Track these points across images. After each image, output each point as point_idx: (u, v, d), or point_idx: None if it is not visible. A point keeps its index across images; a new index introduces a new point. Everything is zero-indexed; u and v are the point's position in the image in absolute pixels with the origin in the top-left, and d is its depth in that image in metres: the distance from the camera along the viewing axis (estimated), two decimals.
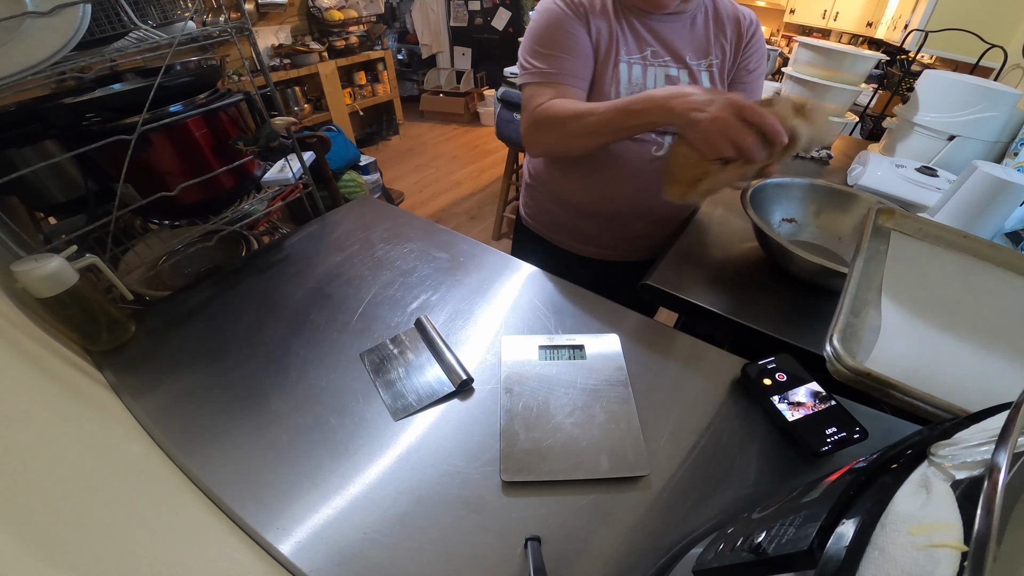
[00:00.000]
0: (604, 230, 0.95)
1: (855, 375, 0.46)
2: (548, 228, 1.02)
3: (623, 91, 0.80)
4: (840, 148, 1.44)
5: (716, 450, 0.51)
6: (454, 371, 0.57)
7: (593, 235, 0.96)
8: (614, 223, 0.94)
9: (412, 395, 0.56)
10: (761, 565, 0.26)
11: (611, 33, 0.79)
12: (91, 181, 0.74)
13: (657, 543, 0.44)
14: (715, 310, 0.71)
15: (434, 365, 0.59)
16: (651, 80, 0.81)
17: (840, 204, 0.87)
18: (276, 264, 0.77)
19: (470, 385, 0.57)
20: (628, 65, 0.80)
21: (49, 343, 0.56)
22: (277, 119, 0.82)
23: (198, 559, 0.40)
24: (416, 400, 0.55)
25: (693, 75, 0.82)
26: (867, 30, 3.24)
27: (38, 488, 0.34)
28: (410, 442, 0.52)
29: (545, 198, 0.99)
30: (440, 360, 0.59)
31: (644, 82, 0.81)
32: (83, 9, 0.61)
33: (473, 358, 0.61)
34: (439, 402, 0.55)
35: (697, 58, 0.82)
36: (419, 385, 0.57)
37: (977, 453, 0.22)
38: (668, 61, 0.81)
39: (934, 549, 0.19)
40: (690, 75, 0.82)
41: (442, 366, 0.59)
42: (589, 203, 0.92)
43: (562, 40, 0.78)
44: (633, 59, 0.80)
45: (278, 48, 3.14)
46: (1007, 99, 1.12)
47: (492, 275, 0.75)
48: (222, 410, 0.54)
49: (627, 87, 0.80)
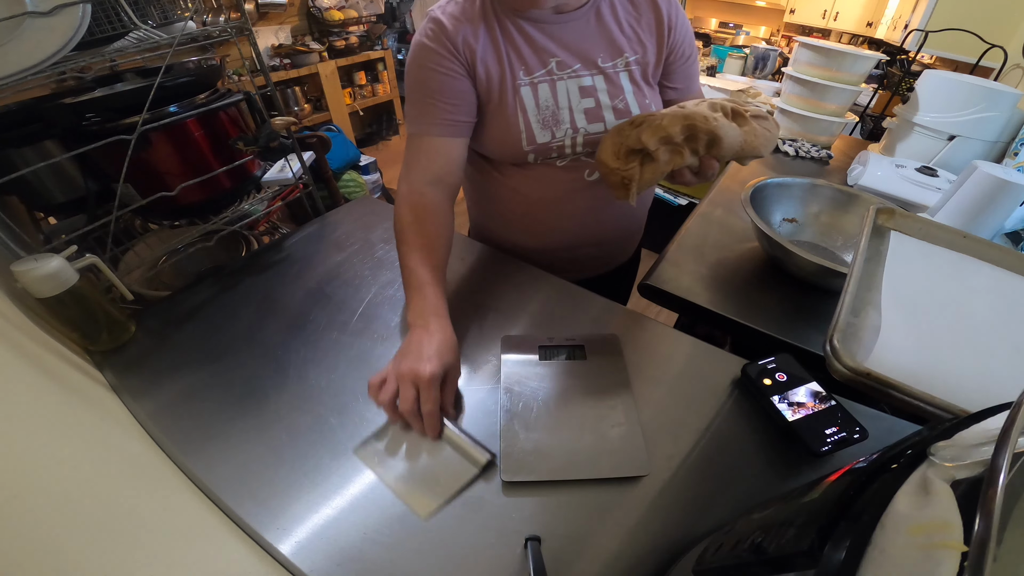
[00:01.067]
0: (552, 259, 0.82)
1: (855, 375, 0.46)
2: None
3: (533, 120, 0.68)
4: (840, 148, 1.44)
5: (716, 450, 0.51)
6: (470, 454, 0.49)
7: (546, 262, 0.79)
8: (561, 253, 0.83)
9: (434, 486, 0.47)
10: (761, 565, 0.26)
11: (500, 56, 0.66)
12: (91, 181, 0.74)
13: (657, 543, 0.44)
14: (715, 310, 0.71)
15: (446, 448, 0.50)
16: (564, 97, 0.68)
17: (840, 204, 0.87)
18: (276, 264, 0.77)
19: (494, 463, 0.49)
20: (532, 87, 0.67)
21: (49, 343, 0.56)
22: (277, 119, 0.82)
23: (198, 559, 0.40)
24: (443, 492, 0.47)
25: (610, 79, 0.69)
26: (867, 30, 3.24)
27: (38, 488, 0.34)
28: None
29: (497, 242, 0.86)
30: (449, 442, 0.51)
31: (556, 102, 0.68)
32: (83, 9, 0.61)
33: (473, 358, 0.61)
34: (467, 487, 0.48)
35: (611, 58, 0.69)
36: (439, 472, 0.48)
37: (977, 453, 0.22)
38: (578, 70, 0.68)
39: (934, 549, 0.19)
40: (606, 80, 0.69)
41: (453, 448, 0.50)
42: (541, 245, 0.82)
43: (428, 82, 0.66)
44: (537, 78, 0.67)
45: (278, 48, 3.14)
46: (1007, 99, 1.12)
47: (492, 275, 0.75)
48: (222, 410, 0.54)
49: (538, 113, 0.68)
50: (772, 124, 0.63)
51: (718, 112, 0.59)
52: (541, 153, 0.71)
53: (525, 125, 0.68)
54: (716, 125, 0.56)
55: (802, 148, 1.36)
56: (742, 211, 0.78)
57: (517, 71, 0.67)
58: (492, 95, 0.68)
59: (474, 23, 0.65)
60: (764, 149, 0.61)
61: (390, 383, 0.51)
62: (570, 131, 0.70)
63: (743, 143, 0.59)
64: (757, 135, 0.60)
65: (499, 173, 0.78)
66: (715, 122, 0.56)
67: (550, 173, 0.74)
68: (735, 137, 0.58)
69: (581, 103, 0.69)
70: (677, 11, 0.71)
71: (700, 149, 0.58)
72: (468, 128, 0.70)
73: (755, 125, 0.60)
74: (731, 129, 0.58)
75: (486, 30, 0.66)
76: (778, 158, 1.35)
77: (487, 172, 0.79)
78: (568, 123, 0.69)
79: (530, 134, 0.69)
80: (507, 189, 0.78)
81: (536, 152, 0.70)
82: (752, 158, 0.62)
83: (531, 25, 0.66)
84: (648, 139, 0.57)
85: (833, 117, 1.37)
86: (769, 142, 0.62)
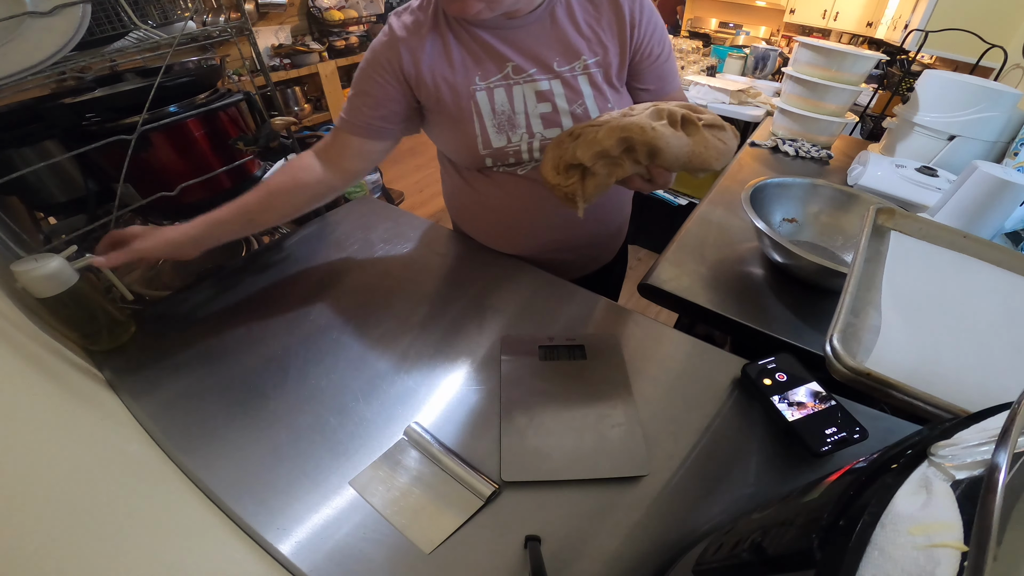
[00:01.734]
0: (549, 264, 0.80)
1: (855, 375, 0.46)
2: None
3: (489, 123, 0.67)
4: (840, 148, 1.44)
5: (716, 450, 0.51)
6: (474, 486, 0.48)
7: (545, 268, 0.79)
8: (554, 257, 0.82)
9: (438, 520, 0.46)
10: (761, 565, 0.26)
11: (452, 63, 0.65)
12: (91, 181, 0.74)
13: (657, 543, 0.44)
14: (715, 310, 0.71)
15: (448, 480, 0.48)
16: (519, 102, 0.67)
17: (840, 204, 0.87)
18: (276, 264, 0.77)
19: (499, 493, 0.48)
20: (488, 91, 0.66)
21: (49, 343, 0.56)
22: (277, 119, 0.82)
23: (198, 559, 0.40)
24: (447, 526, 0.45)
25: (568, 84, 0.67)
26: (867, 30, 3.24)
27: (38, 488, 0.34)
28: None
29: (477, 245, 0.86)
30: (451, 474, 0.49)
31: (512, 106, 0.67)
32: (83, 9, 0.61)
33: (473, 358, 0.61)
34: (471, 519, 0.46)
35: (567, 62, 0.66)
36: (442, 505, 0.47)
37: (977, 453, 0.22)
38: (534, 74, 0.66)
39: (934, 549, 0.19)
40: (564, 85, 0.67)
41: (456, 480, 0.48)
42: (516, 251, 0.81)
43: (362, 83, 0.68)
44: (493, 82, 0.66)
45: (278, 48, 3.14)
46: (1007, 99, 1.12)
47: (492, 275, 0.75)
48: (222, 410, 0.54)
49: (494, 118, 0.67)
50: (729, 136, 0.58)
51: (663, 120, 0.55)
52: (498, 158, 0.70)
53: (481, 129, 0.68)
54: (654, 135, 0.53)
55: (802, 148, 1.36)
56: (742, 211, 0.78)
57: (473, 76, 0.66)
58: (445, 102, 0.67)
59: (423, 35, 0.65)
60: (716, 162, 0.56)
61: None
62: (526, 136, 0.69)
63: (690, 153, 0.55)
64: (708, 146, 0.56)
65: (467, 180, 0.78)
66: (653, 132, 0.53)
67: (512, 181, 0.73)
68: (679, 147, 0.54)
69: (538, 107, 0.68)
70: (641, 8, 0.67)
71: (642, 159, 0.55)
72: (388, 133, 0.71)
73: (707, 136, 0.56)
74: (675, 139, 0.54)
75: (439, 38, 0.65)
76: (778, 158, 1.35)
77: (458, 178, 0.80)
78: (524, 127, 0.68)
79: (485, 138, 0.69)
80: (476, 196, 0.78)
81: (493, 156, 0.70)
82: (703, 171, 0.57)
83: (484, 31, 0.65)
84: (583, 155, 0.55)
85: (833, 117, 1.37)
86: (722, 154, 0.57)
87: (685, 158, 0.55)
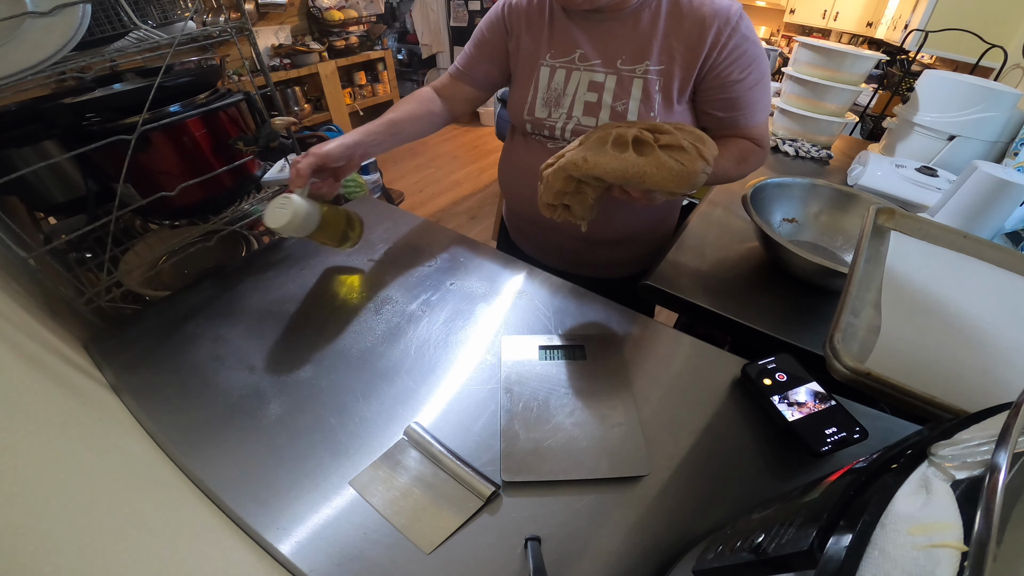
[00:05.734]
0: (533, 236, 0.90)
1: (855, 375, 0.46)
2: (517, 236, 0.98)
3: (540, 96, 0.76)
4: (840, 148, 1.44)
5: (716, 450, 0.51)
6: (474, 486, 0.47)
7: (533, 239, 0.90)
8: (537, 229, 0.89)
9: (438, 520, 0.45)
10: (761, 565, 0.26)
11: (537, 36, 0.76)
12: (91, 181, 0.74)
13: (657, 543, 0.44)
14: (715, 310, 0.71)
15: (448, 481, 0.48)
16: (572, 86, 0.74)
17: (840, 204, 0.87)
18: (276, 264, 0.77)
19: (499, 494, 0.48)
20: (550, 69, 0.75)
21: (49, 343, 0.56)
22: (277, 119, 0.82)
23: (198, 559, 0.40)
24: (447, 527, 0.45)
25: (623, 82, 0.71)
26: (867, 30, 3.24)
27: (38, 488, 0.34)
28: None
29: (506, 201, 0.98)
30: (451, 474, 0.49)
31: (564, 88, 0.75)
32: (83, 9, 0.61)
33: (473, 358, 0.61)
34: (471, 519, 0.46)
35: (632, 62, 0.70)
36: (442, 505, 0.46)
37: (977, 453, 0.22)
38: (596, 65, 0.72)
39: (934, 549, 0.19)
40: (619, 82, 0.71)
41: (456, 480, 0.48)
42: (519, 208, 0.90)
43: (479, 38, 0.82)
44: (559, 63, 0.75)
45: (278, 48, 3.14)
46: (1007, 99, 1.13)
47: (492, 275, 0.75)
48: (222, 410, 0.54)
49: (544, 92, 0.76)
50: (691, 159, 0.55)
51: (606, 144, 0.56)
52: (536, 127, 0.79)
53: (532, 97, 0.78)
54: (588, 167, 0.56)
55: (802, 148, 1.36)
56: (742, 211, 0.78)
57: (545, 53, 0.76)
58: (519, 65, 0.80)
59: (531, 7, 0.77)
60: (671, 184, 0.55)
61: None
62: (565, 116, 0.76)
63: (640, 174, 0.55)
64: (660, 167, 0.55)
65: (511, 140, 0.89)
66: (586, 164, 0.56)
67: (537, 146, 0.81)
68: (622, 170, 0.55)
69: (585, 95, 0.74)
70: (734, 30, 0.67)
71: (596, 184, 0.59)
72: (485, 86, 0.85)
73: (661, 157, 0.55)
74: (615, 162, 0.55)
75: (536, 14, 0.77)
76: (778, 158, 1.35)
77: (509, 140, 0.90)
78: (566, 109, 0.75)
79: (532, 106, 0.78)
80: (511, 155, 0.89)
81: (532, 124, 0.79)
82: (661, 191, 0.57)
83: (572, 19, 0.74)
84: (547, 197, 0.62)
85: (833, 117, 1.37)
86: (678, 177, 0.55)
87: (635, 179, 0.55)
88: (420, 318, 0.67)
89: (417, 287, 0.72)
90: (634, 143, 0.56)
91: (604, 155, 0.56)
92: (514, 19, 0.78)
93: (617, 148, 0.56)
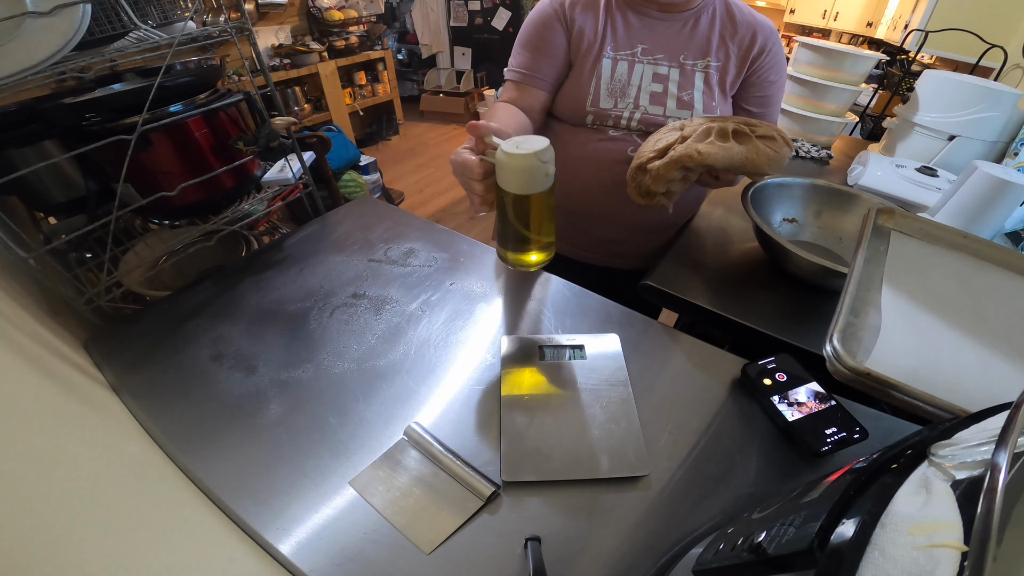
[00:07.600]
0: (575, 229, 0.93)
1: (855, 375, 0.46)
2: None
3: (603, 87, 0.80)
4: (840, 148, 1.44)
5: (716, 450, 0.51)
6: (474, 486, 0.47)
7: (568, 233, 0.94)
8: (583, 223, 0.92)
9: (438, 520, 0.45)
10: (761, 565, 0.26)
11: (597, 28, 0.79)
12: (91, 181, 0.74)
13: (657, 543, 0.44)
14: (715, 310, 0.71)
15: (448, 480, 0.48)
16: (636, 77, 0.80)
17: (840, 204, 0.87)
18: (276, 264, 0.77)
19: (499, 494, 0.48)
20: (613, 61, 0.79)
21: (49, 343, 0.56)
22: (277, 119, 0.82)
23: (198, 559, 0.40)
24: (447, 526, 0.45)
25: (686, 74, 0.80)
26: (867, 30, 3.25)
27: (38, 488, 0.34)
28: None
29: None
30: (451, 474, 0.49)
31: (628, 79, 0.80)
32: (83, 9, 0.61)
33: (473, 358, 0.61)
34: (471, 519, 0.46)
35: (694, 58, 0.80)
36: (442, 505, 0.46)
37: (977, 453, 0.22)
38: (660, 59, 0.79)
39: (934, 549, 0.19)
40: (682, 74, 0.80)
41: (455, 480, 0.48)
42: (565, 202, 0.88)
43: (537, 40, 0.81)
44: (621, 55, 0.79)
45: (278, 48, 3.14)
46: (1007, 99, 1.12)
47: (492, 275, 0.75)
48: (222, 410, 0.54)
49: (608, 83, 0.80)
50: (779, 144, 0.67)
51: (710, 137, 0.65)
52: (599, 118, 0.82)
53: (594, 89, 0.80)
54: (702, 158, 0.63)
55: (802, 148, 1.36)
56: (742, 211, 0.78)
57: (607, 45, 0.79)
58: (578, 57, 0.80)
59: (586, 2, 0.80)
60: (767, 167, 0.65)
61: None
62: (631, 106, 0.80)
63: (744, 160, 0.64)
64: (759, 153, 0.65)
65: (558, 135, 0.87)
66: (700, 156, 0.63)
67: (598, 136, 0.83)
68: (730, 158, 0.64)
69: (650, 86, 0.80)
70: (776, 43, 0.81)
71: (698, 172, 0.68)
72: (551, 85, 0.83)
73: (759, 145, 0.65)
74: (723, 152, 0.63)
75: (591, 7, 0.79)
76: None
77: (548, 130, 0.90)
78: (632, 99, 0.80)
79: (596, 98, 0.81)
80: (564, 148, 0.83)
81: (595, 115, 0.82)
82: (757, 175, 0.68)
83: (635, 14, 0.79)
84: (656, 187, 0.69)
85: (833, 117, 1.37)
86: (772, 161, 0.65)
87: (739, 165, 0.64)
88: (420, 318, 0.67)
89: (417, 287, 0.72)
90: (734, 135, 0.65)
91: (713, 146, 0.64)
92: (572, 14, 0.79)
93: (721, 139, 0.65)
